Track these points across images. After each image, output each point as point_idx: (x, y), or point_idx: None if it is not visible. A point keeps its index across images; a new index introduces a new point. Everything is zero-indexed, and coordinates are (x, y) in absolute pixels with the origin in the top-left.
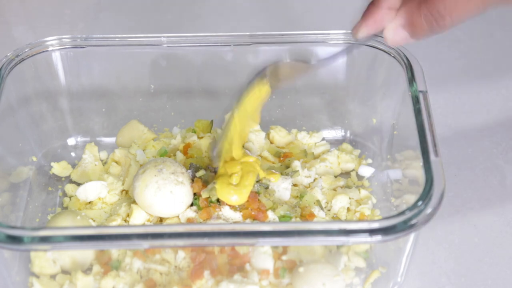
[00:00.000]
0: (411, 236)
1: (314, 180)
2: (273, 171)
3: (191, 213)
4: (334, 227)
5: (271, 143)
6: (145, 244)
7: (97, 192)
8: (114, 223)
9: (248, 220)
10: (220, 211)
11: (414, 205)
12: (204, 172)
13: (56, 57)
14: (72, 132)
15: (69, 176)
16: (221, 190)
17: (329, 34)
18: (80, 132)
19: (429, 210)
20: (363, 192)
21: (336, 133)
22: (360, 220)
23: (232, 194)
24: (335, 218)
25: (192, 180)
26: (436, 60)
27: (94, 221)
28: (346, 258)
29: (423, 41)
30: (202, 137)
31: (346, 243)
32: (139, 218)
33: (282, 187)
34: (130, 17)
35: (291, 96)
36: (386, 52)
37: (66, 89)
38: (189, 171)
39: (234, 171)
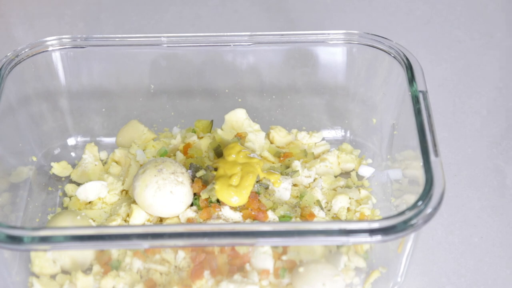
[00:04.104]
0: (411, 236)
1: (314, 180)
2: (273, 171)
3: (191, 213)
4: (334, 227)
5: (271, 143)
6: (145, 244)
7: (97, 192)
8: (114, 223)
9: (248, 220)
10: (220, 211)
11: (414, 205)
12: (204, 172)
13: (56, 57)
14: (72, 132)
15: (69, 176)
16: (221, 191)
17: (329, 34)
18: (80, 132)
19: (429, 210)
20: (363, 192)
21: (336, 133)
22: (360, 220)
23: (232, 195)
24: (335, 218)
25: (192, 180)
26: (436, 60)
27: (94, 221)
28: (346, 258)
29: (423, 41)
30: (202, 137)
31: (346, 243)
32: (139, 218)
33: (282, 187)
34: (130, 17)
35: (291, 96)
36: (386, 52)
37: (66, 89)
38: (189, 171)
39: (234, 172)
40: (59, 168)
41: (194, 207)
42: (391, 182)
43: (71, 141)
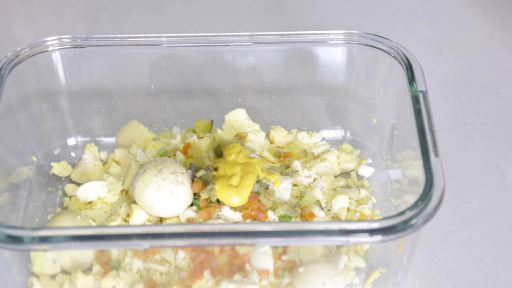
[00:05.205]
0: (411, 236)
1: (314, 180)
2: (273, 171)
3: (191, 213)
4: (334, 227)
5: (271, 143)
6: (145, 244)
7: (97, 192)
8: (114, 223)
9: (248, 220)
10: (220, 211)
11: (414, 205)
12: (204, 172)
13: (56, 57)
14: (72, 132)
15: (69, 176)
16: (221, 191)
17: (329, 34)
18: (80, 132)
19: (429, 210)
20: (363, 192)
21: (336, 133)
22: (360, 220)
23: (232, 195)
24: (335, 218)
25: (192, 180)
26: (436, 60)
27: (94, 221)
28: (346, 258)
29: (423, 41)
30: (202, 137)
31: (346, 243)
32: (139, 218)
33: (282, 187)
34: (130, 17)
35: (291, 96)
36: (386, 52)
37: (66, 89)
38: (189, 171)
39: (234, 172)
40: (59, 168)
41: (194, 207)
42: (391, 182)
43: (71, 141)
